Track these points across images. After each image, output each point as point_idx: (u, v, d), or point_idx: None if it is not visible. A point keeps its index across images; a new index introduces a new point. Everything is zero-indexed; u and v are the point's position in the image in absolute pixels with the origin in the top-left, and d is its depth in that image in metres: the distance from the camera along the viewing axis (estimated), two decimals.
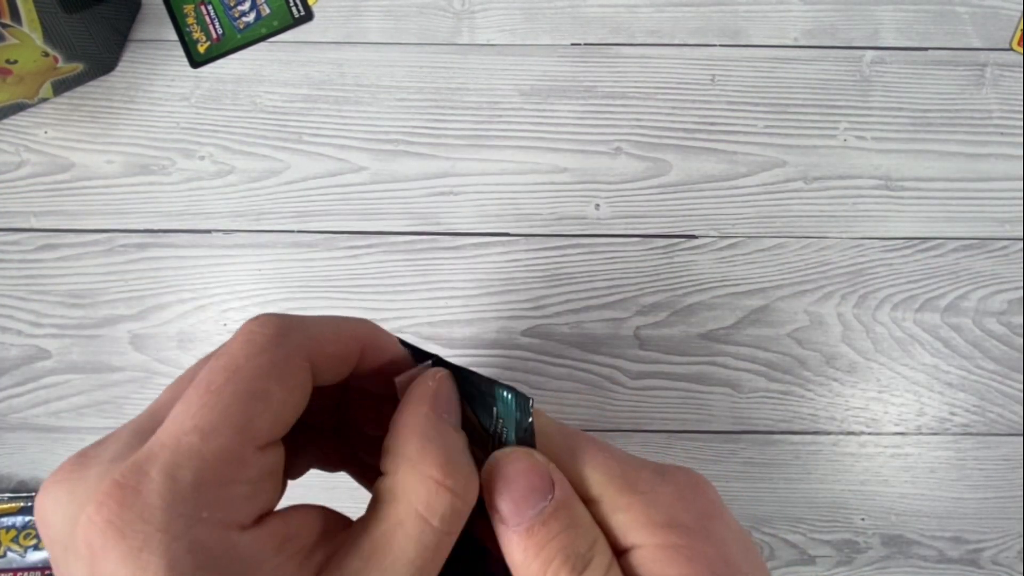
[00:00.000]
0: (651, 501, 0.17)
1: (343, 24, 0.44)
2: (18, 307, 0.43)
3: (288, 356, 0.15)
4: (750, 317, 0.44)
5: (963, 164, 0.44)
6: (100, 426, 0.43)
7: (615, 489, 0.17)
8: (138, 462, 0.13)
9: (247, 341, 0.15)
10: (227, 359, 0.15)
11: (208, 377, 0.14)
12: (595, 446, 0.18)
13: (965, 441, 0.44)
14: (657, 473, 0.17)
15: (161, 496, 0.13)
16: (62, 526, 0.13)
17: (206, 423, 0.14)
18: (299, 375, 0.16)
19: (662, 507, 0.17)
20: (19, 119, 0.43)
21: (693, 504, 0.17)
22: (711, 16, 0.44)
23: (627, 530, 0.16)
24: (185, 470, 0.13)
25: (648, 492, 0.17)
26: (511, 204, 0.44)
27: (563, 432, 0.18)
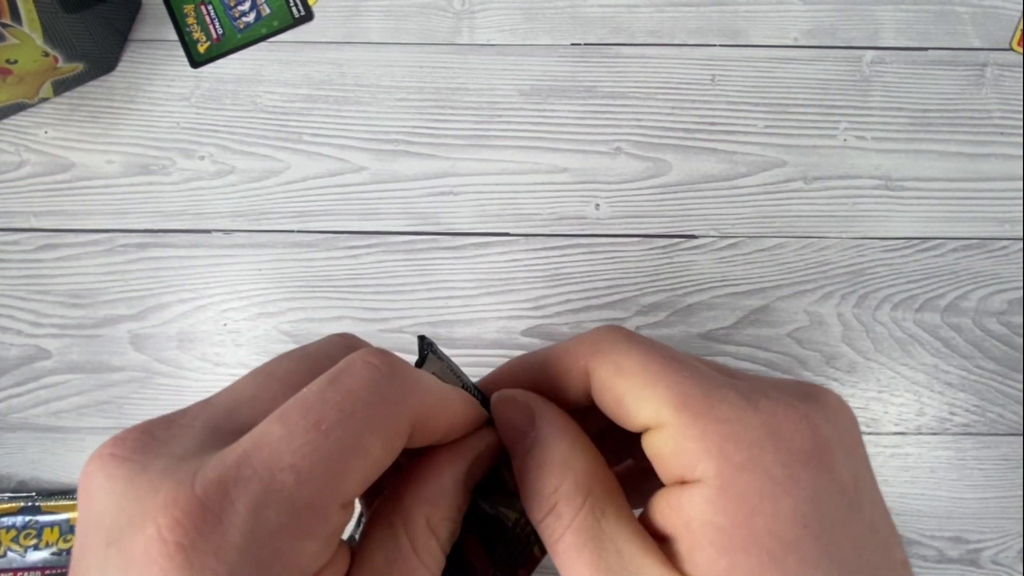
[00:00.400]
0: (730, 433, 0.14)
1: (343, 24, 0.44)
2: (18, 307, 0.43)
3: (399, 417, 0.14)
4: (750, 317, 0.44)
5: (963, 164, 0.44)
6: (100, 426, 0.43)
7: (688, 415, 0.15)
8: (223, 481, 0.12)
9: (370, 381, 0.14)
10: (344, 395, 0.14)
11: (319, 408, 0.13)
12: (673, 364, 0.16)
13: (965, 441, 0.44)
14: (745, 397, 0.15)
15: (242, 535, 0.12)
16: (112, 514, 0.12)
17: (305, 466, 0.12)
18: (400, 440, 0.15)
19: (743, 443, 0.14)
20: (19, 119, 0.43)
21: (787, 443, 0.14)
22: (711, 16, 0.44)
23: (696, 462, 0.14)
24: (272, 512, 0.12)
25: (731, 421, 0.14)
26: (511, 204, 0.44)
27: (640, 348, 0.17)
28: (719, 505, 0.14)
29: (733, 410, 0.15)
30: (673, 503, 0.15)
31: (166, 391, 0.43)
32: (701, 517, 0.14)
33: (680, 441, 0.15)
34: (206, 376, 0.43)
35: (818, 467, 0.14)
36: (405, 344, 0.43)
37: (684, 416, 0.15)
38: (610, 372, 0.17)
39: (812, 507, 0.14)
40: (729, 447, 0.14)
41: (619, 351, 0.17)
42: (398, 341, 0.43)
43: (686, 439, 0.15)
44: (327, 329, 0.43)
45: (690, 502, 0.14)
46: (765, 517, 0.14)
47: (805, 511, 0.14)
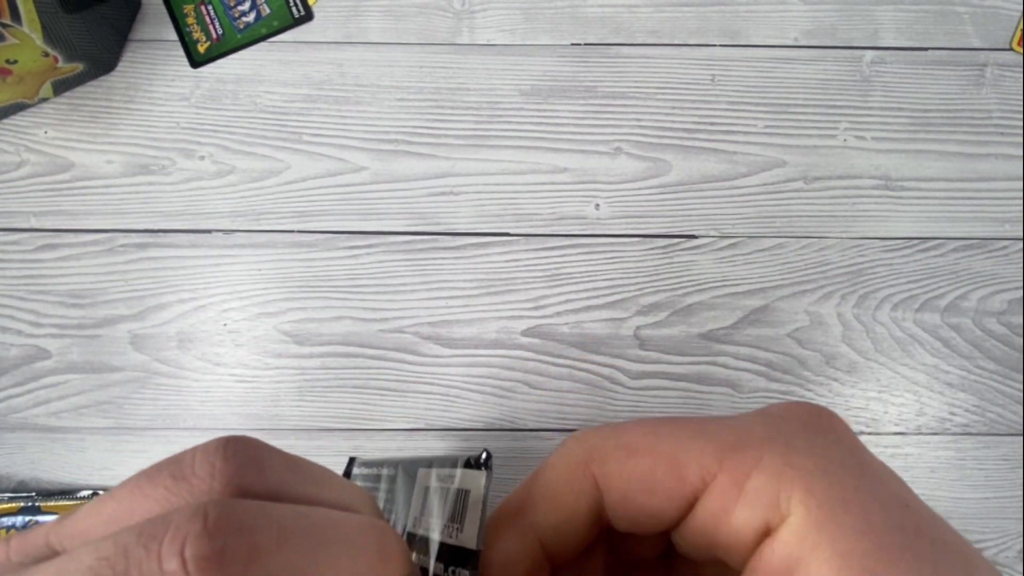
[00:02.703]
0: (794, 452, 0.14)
1: (343, 24, 0.44)
2: (18, 307, 0.43)
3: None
4: (750, 317, 0.44)
5: (963, 164, 0.44)
6: (100, 426, 0.43)
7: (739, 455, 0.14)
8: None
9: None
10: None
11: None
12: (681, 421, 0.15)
13: (965, 441, 0.44)
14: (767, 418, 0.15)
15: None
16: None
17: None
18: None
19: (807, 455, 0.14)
20: (19, 119, 0.43)
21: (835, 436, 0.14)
22: (711, 16, 0.44)
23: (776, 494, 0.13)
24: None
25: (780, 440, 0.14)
26: (511, 204, 0.44)
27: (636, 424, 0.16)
28: (835, 524, 0.12)
29: (766, 430, 0.14)
30: (772, 562, 0.13)
31: (166, 391, 0.43)
32: (817, 551, 0.12)
33: (744, 483, 0.13)
34: (206, 376, 0.43)
35: (864, 452, 0.14)
36: (405, 344, 0.43)
37: (734, 458, 0.14)
38: (623, 458, 0.15)
39: (899, 485, 0.13)
40: (801, 463, 0.13)
41: (617, 436, 0.15)
42: (398, 341, 0.43)
43: (752, 478, 0.13)
44: (327, 329, 0.43)
45: (796, 541, 0.13)
46: (879, 514, 0.12)
47: (896, 490, 0.13)
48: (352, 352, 0.43)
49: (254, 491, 0.12)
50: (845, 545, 0.12)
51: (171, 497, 0.12)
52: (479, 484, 0.15)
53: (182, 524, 0.10)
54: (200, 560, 0.10)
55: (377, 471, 0.19)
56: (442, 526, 0.16)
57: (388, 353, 0.43)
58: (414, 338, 0.43)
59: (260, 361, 0.43)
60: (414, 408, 0.43)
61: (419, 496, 0.17)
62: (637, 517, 0.15)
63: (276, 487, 0.12)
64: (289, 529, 0.11)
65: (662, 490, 0.14)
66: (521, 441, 0.43)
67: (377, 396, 0.43)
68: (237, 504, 0.11)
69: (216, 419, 0.43)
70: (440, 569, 0.16)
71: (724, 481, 0.14)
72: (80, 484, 0.43)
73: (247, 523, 0.11)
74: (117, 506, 0.12)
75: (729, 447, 0.14)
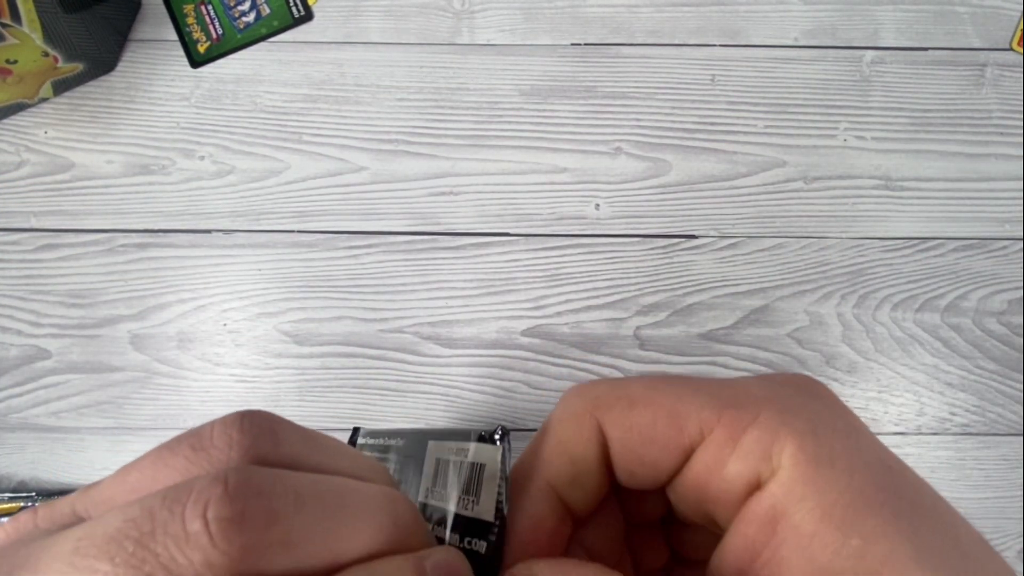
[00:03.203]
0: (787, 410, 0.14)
1: (343, 24, 0.44)
2: (18, 307, 0.43)
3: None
4: (750, 317, 0.44)
5: (963, 164, 0.44)
6: (100, 426, 0.43)
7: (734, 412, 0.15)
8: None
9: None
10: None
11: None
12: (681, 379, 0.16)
13: (965, 441, 0.44)
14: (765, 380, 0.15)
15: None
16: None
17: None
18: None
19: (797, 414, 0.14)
20: (19, 119, 0.43)
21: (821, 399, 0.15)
22: (711, 16, 0.44)
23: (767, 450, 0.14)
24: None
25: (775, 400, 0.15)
26: (511, 204, 0.44)
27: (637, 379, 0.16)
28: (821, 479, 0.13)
29: (765, 391, 0.15)
30: (758, 512, 0.14)
31: (166, 391, 0.43)
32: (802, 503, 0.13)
33: (740, 438, 0.14)
34: (206, 376, 0.43)
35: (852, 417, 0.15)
36: (405, 344, 0.43)
37: (731, 413, 0.14)
38: (625, 408, 0.16)
39: (884, 451, 0.14)
40: (794, 422, 0.14)
41: (619, 388, 0.16)
42: (398, 341, 0.43)
43: (747, 433, 0.14)
44: (327, 329, 0.43)
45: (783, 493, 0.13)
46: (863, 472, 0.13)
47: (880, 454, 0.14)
48: (352, 352, 0.43)
49: (270, 461, 0.12)
50: (828, 498, 0.13)
51: (191, 467, 0.12)
52: (495, 459, 0.16)
53: (204, 488, 0.11)
54: (222, 521, 0.11)
55: (385, 442, 0.20)
56: (457, 498, 0.16)
57: (388, 353, 0.43)
58: (414, 338, 0.43)
59: (260, 361, 0.43)
60: (414, 408, 0.43)
61: (430, 468, 0.17)
62: (635, 469, 0.16)
63: (291, 457, 0.13)
64: (305, 495, 0.12)
65: (661, 440, 0.15)
66: (521, 441, 0.43)
67: (377, 396, 0.43)
68: (255, 471, 0.12)
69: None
70: (456, 540, 0.16)
71: (720, 434, 0.14)
72: (80, 484, 0.43)
73: (265, 488, 0.11)
74: (140, 475, 0.12)
75: (728, 403, 0.15)
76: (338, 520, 0.12)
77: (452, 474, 0.16)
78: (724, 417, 0.14)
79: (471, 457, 0.16)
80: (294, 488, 0.12)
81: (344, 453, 0.14)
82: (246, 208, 0.43)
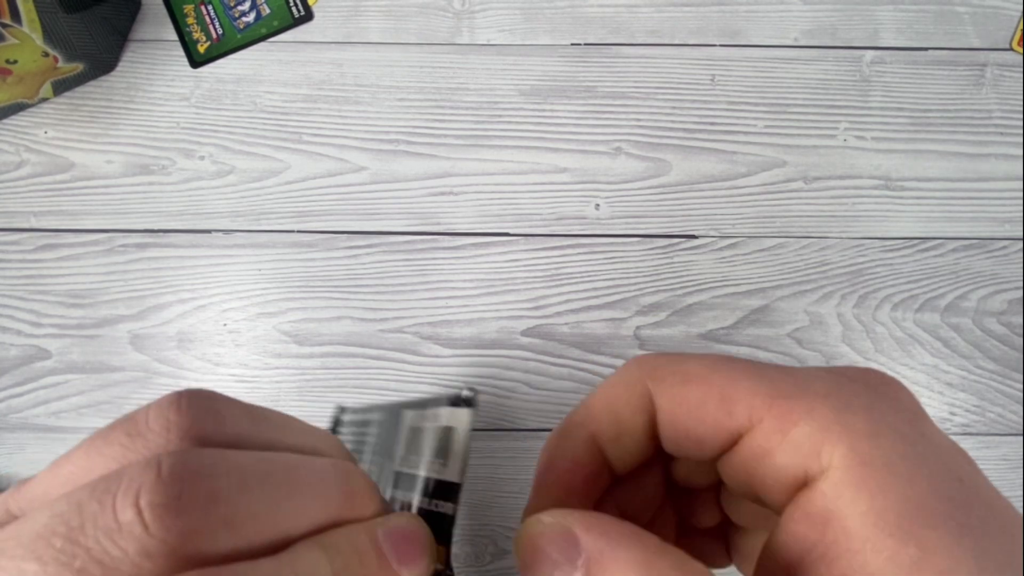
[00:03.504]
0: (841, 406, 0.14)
1: (343, 24, 0.44)
2: (18, 307, 0.43)
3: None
4: (750, 317, 0.44)
5: (963, 164, 0.44)
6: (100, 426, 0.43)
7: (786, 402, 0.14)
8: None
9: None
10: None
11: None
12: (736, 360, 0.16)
13: (965, 441, 0.44)
14: (827, 372, 0.15)
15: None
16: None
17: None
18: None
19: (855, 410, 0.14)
20: (19, 119, 0.43)
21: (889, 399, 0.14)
22: (711, 16, 0.44)
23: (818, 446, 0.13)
24: None
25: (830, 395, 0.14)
26: (511, 204, 0.44)
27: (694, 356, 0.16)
28: (874, 483, 0.12)
29: (826, 385, 0.14)
30: (809, 510, 0.13)
31: (166, 391, 0.43)
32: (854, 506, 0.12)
33: (789, 430, 0.13)
34: (206, 376, 0.43)
35: (926, 423, 0.14)
36: (405, 344, 0.43)
37: (783, 404, 0.14)
38: (678, 383, 0.15)
39: (959, 462, 0.13)
40: (851, 421, 0.13)
41: (676, 362, 0.16)
42: (398, 341, 0.43)
43: (797, 427, 0.13)
44: (327, 329, 0.43)
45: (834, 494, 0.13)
46: (925, 482, 0.12)
47: (953, 465, 0.13)
48: (352, 352, 0.43)
49: (213, 442, 0.12)
50: (881, 503, 0.12)
51: (128, 454, 0.12)
52: (464, 421, 0.16)
53: (135, 475, 0.10)
54: (156, 508, 0.10)
55: (365, 416, 0.20)
56: (428, 463, 0.16)
57: (388, 353, 0.43)
58: (414, 338, 0.43)
59: (260, 361, 0.43)
60: None
61: (404, 436, 0.17)
62: (682, 441, 0.16)
63: (236, 436, 0.12)
64: (249, 473, 0.11)
65: (710, 420, 0.15)
66: (521, 441, 0.43)
67: (377, 396, 0.43)
68: (193, 452, 0.11)
69: None
70: (425, 503, 0.16)
71: (769, 425, 0.14)
72: None
73: (204, 469, 0.11)
74: (74, 467, 0.12)
75: (782, 394, 0.14)
76: (284, 495, 0.11)
77: (425, 440, 0.16)
78: (774, 408, 0.14)
79: (443, 422, 0.16)
80: (236, 466, 0.11)
81: (292, 428, 0.14)
82: (246, 208, 0.43)
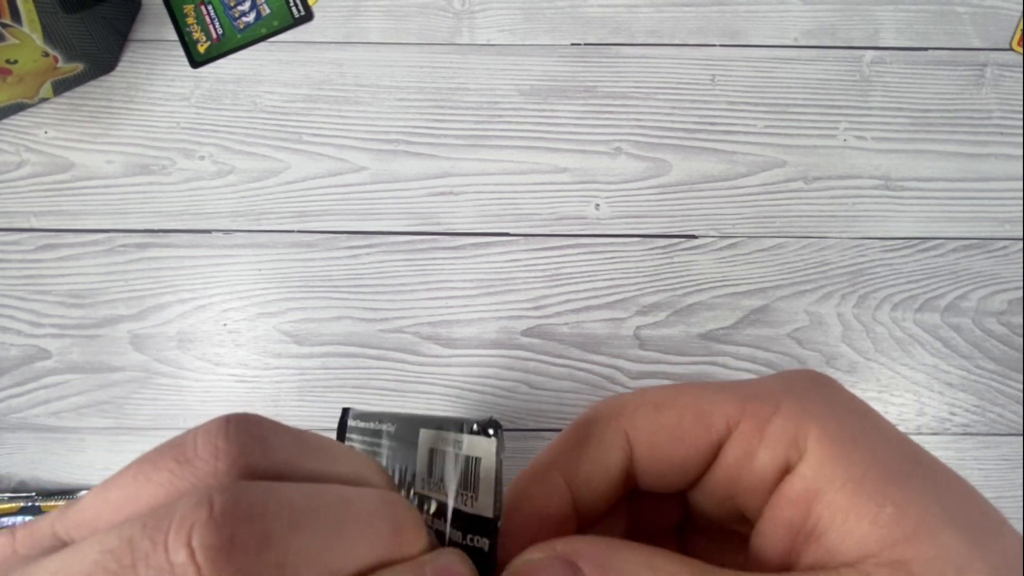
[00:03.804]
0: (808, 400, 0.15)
1: (343, 24, 0.44)
2: (18, 307, 0.43)
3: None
4: (750, 317, 0.44)
5: (963, 164, 0.44)
6: (100, 426, 0.43)
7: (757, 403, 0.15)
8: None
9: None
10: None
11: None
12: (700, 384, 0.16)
13: (965, 441, 0.44)
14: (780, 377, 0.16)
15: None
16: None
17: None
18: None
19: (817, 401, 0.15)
20: (19, 119, 0.43)
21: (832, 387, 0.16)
22: (711, 16, 0.44)
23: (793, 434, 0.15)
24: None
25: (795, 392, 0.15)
26: (511, 204, 0.44)
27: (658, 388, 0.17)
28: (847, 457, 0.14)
29: (781, 383, 0.15)
30: (791, 496, 0.14)
31: (166, 391, 0.43)
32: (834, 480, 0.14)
33: (765, 428, 0.15)
34: (206, 376, 0.43)
35: (863, 402, 0.15)
36: (405, 344, 0.43)
37: (754, 405, 0.15)
38: (651, 412, 0.16)
39: (894, 428, 0.15)
40: (813, 408, 0.15)
41: (641, 396, 0.16)
42: (398, 341, 0.43)
43: (772, 422, 0.15)
44: (327, 329, 0.43)
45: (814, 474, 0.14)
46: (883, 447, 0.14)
47: (893, 431, 0.15)
48: (352, 352, 0.43)
49: (260, 470, 0.12)
50: (857, 473, 0.13)
51: (176, 481, 0.11)
52: (490, 452, 0.15)
53: (187, 513, 0.10)
54: (209, 550, 0.10)
55: (376, 426, 0.19)
56: (456, 492, 0.16)
57: (388, 353, 0.43)
58: (414, 338, 0.43)
59: (260, 361, 0.43)
60: (414, 408, 0.43)
61: (424, 457, 0.17)
62: (663, 470, 0.16)
63: (282, 464, 0.12)
64: (300, 512, 0.11)
65: (689, 439, 0.15)
66: (521, 441, 0.43)
67: (377, 396, 0.43)
68: (244, 488, 0.11)
69: None
70: (458, 537, 0.15)
71: (747, 426, 0.15)
72: (80, 484, 0.43)
73: (256, 508, 0.10)
74: (121, 492, 0.12)
75: (749, 397, 0.15)
76: (335, 535, 0.11)
77: (448, 466, 0.16)
78: (748, 409, 0.15)
79: (465, 450, 0.16)
80: (287, 505, 0.11)
81: (336, 454, 0.13)
82: (246, 208, 0.43)
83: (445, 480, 0.16)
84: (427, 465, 0.17)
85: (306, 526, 0.11)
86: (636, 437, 0.16)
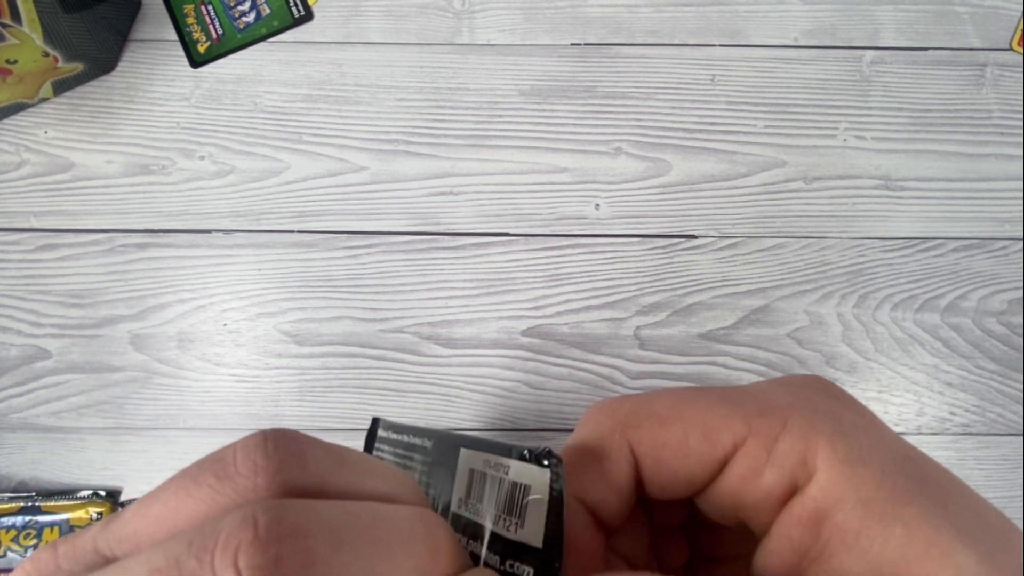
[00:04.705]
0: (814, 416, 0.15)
1: (343, 24, 0.44)
2: (18, 307, 0.43)
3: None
4: (750, 317, 0.44)
5: (963, 164, 0.44)
6: (100, 426, 0.43)
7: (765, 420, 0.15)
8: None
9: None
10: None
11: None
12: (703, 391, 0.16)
13: (965, 441, 0.44)
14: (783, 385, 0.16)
15: None
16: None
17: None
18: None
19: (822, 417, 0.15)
20: (19, 119, 0.43)
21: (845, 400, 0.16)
22: (711, 16, 0.44)
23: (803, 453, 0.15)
24: None
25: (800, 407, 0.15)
26: (511, 204, 0.44)
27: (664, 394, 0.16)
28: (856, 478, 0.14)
29: (787, 396, 0.15)
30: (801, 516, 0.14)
31: (166, 391, 0.43)
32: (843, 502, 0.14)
33: (773, 447, 0.15)
34: (206, 376, 0.43)
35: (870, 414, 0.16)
36: (405, 344, 0.43)
37: (761, 423, 0.15)
38: (655, 426, 0.16)
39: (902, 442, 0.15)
40: (821, 425, 0.14)
41: (645, 405, 0.16)
42: (398, 341, 0.43)
43: (780, 441, 0.14)
44: (327, 329, 0.43)
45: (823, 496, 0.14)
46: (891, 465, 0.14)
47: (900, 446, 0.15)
48: (352, 352, 0.43)
49: (298, 486, 0.12)
50: (865, 494, 0.13)
51: (216, 496, 0.11)
52: (543, 482, 0.15)
53: (233, 532, 0.10)
54: (255, 570, 0.10)
55: (409, 439, 0.19)
56: (495, 516, 0.15)
57: (388, 353, 0.43)
58: (414, 338, 0.43)
59: (260, 361, 0.43)
60: (414, 408, 0.43)
61: (463, 478, 0.17)
62: (669, 482, 0.16)
63: (319, 480, 0.12)
64: (342, 531, 0.11)
65: (695, 455, 0.15)
66: (521, 441, 0.43)
67: (377, 396, 0.43)
68: (287, 507, 0.11)
69: (216, 419, 0.43)
70: (495, 561, 0.15)
71: (754, 445, 0.15)
72: (80, 484, 0.43)
73: (300, 528, 0.10)
74: (163, 508, 0.12)
75: (756, 413, 0.15)
76: (375, 553, 0.11)
77: (488, 489, 0.16)
78: (755, 427, 0.15)
79: (512, 475, 0.16)
80: (328, 523, 0.11)
81: (373, 471, 0.14)
82: (246, 208, 0.43)
83: (484, 503, 0.16)
84: (467, 487, 0.17)
85: (347, 545, 0.11)
86: (641, 452, 0.16)
